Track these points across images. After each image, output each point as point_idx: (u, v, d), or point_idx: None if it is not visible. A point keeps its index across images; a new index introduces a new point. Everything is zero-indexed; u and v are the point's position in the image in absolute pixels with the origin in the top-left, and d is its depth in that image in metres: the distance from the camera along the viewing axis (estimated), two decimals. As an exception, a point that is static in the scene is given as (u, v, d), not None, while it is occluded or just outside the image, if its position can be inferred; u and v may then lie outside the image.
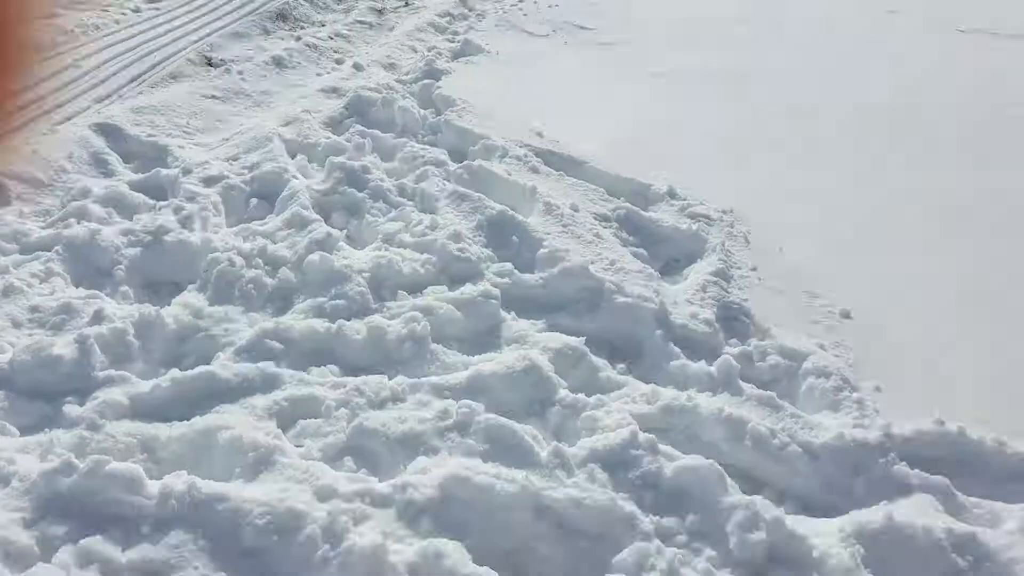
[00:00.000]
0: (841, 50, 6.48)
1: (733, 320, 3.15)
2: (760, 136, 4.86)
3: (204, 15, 6.17)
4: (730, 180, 4.29)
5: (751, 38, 6.55)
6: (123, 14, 5.86)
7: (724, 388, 2.73)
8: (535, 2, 7.07)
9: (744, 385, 2.73)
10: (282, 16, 6.52)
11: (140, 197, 3.71)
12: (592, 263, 3.30)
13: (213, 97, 4.87)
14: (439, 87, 5.11)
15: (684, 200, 3.99)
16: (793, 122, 5.06)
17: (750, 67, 5.89)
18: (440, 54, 5.76)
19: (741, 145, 4.74)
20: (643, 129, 4.87)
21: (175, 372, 2.64)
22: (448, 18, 6.87)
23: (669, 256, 3.67)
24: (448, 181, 3.99)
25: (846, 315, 3.22)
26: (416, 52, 5.97)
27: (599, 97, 5.26)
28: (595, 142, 4.63)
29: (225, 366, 2.68)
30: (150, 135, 4.24)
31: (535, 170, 4.21)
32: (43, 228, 3.43)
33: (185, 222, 3.50)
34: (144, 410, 2.51)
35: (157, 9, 6.08)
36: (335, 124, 4.70)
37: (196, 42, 5.62)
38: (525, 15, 6.67)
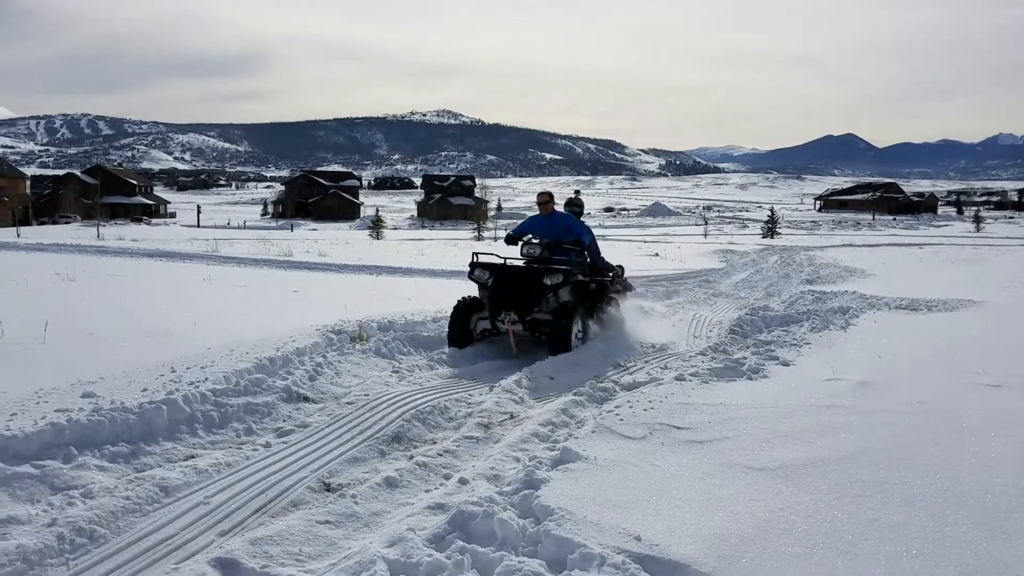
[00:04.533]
0: (946, 430, 6.42)
1: None
2: (873, 528, 4.70)
3: (327, 444, 6.79)
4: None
5: (845, 425, 6.60)
6: (255, 450, 6.54)
7: None
8: (631, 406, 7.44)
9: None
10: (397, 438, 7.07)
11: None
12: None
13: (327, 523, 5.17)
14: (538, 496, 5.27)
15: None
16: (908, 510, 4.90)
17: (849, 456, 5.87)
18: (540, 463, 6.01)
19: (851, 539, 4.57)
20: (746, 526, 4.79)
21: None
22: (550, 427, 7.27)
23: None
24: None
25: None
26: (519, 462, 6.25)
27: (698, 496, 5.28)
28: (697, 542, 4.59)
29: None
30: (264, 566, 4.48)
31: (633, 578, 4.15)
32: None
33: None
34: None
35: (286, 443, 6.76)
36: (438, 540, 4.85)
37: (317, 470, 6.12)
38: (621, 420, 6.99)
